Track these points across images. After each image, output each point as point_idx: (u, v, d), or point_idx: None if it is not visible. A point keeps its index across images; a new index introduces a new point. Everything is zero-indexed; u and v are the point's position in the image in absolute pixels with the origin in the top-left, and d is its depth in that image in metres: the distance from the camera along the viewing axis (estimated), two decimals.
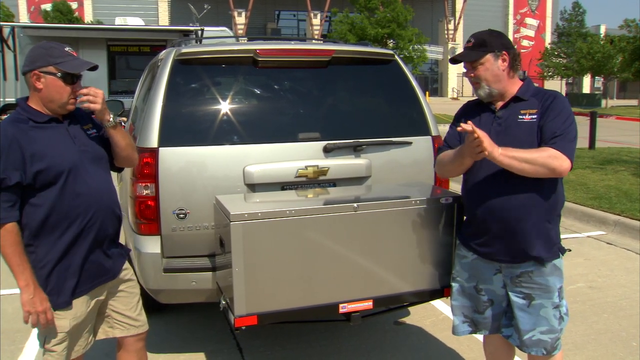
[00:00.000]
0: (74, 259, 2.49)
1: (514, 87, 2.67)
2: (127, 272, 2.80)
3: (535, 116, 2.59)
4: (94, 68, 2.55)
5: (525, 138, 2.56)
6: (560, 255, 2.68)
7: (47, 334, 2.50)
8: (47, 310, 2.41)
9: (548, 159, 2.46)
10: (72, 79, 2.45)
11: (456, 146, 2.75)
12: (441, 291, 3.19)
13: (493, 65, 2.63)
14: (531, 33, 55.91)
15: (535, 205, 2.58)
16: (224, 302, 3.03)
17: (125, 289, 2.78)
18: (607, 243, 6.53)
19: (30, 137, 2.39)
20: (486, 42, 2.64)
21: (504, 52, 2.64)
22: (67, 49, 2.48)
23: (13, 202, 2.35)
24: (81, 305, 2.56)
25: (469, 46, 2.67)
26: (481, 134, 2.40)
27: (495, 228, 2.63)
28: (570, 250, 2.78)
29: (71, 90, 2.46)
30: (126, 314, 2.78)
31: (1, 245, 2.33)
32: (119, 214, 2.70)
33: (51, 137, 2.44)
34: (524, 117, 2.61)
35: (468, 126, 2.41)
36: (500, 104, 2.69)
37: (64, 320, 2.50)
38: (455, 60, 2.76)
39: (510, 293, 2.71)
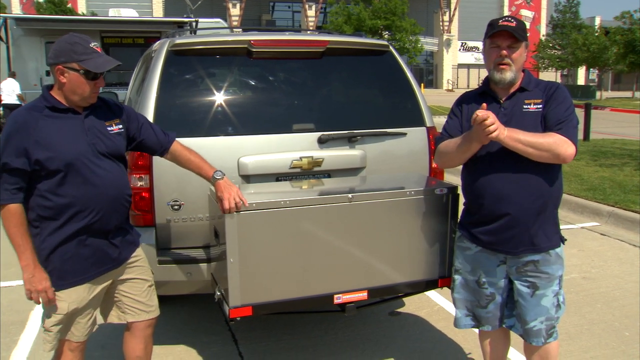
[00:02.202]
0: (76, 245, 2.53)
1: (519, 78, 2.69)
2: (136, 258, 2.82)
3: (540, 106, 2.61)
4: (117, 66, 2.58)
5: (531, 127, 2.57)
6: (562, 243, 2.71)
7: (46, 314, 2.56)
8: (47, 289, 2.48)
9: (554, 144, 2.48)
10: (94, 75, 2.49)
11: (457, 135, 2.74)
12: (436, 282, 3.19)
13: (524, 53, 2.65)
14: (526, 25, 55.81)
15: (543, 194, 2.60)
16: (218, 293, 3.03)
17: (135, 276, 2.80)
18: (601, 234, 6.56)
19: (39, 125, 2.43)
20: (525, 29, 2.63)
21: (528, 45, 2.68)
22: (92, 44, 2.50)
23: (18, 186, 2.41)
24: (83, 291, 2.59)
25: (513, 26, 2.57)
26: (493, 116, 2.42)
27: (502, 216, 2.62)
28: (566, 240, 2.81)
29: (94, 85, 2.51)
30: (137, 299, 2.81)
31: (5, 225, 2.41)
32: (128, 206, 2.72)
33: (61, 127, 2.48)
34: (529, 106, 2.62)
35: (482, 110, 2.43)
36: (505, 94, 2.69)
37: (63, 303, 2.54)
38: (500, 29, 2.57)
39: (515, 282, 2.72)
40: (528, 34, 2.72)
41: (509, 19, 2.63)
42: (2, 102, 14.32)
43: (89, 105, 2.57)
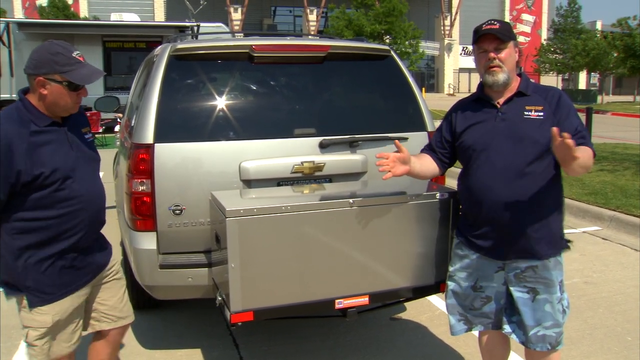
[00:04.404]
0: (61, 259, 2.47)
1: (516, 81, 2.68)
2: (113, 262, 2.81)
3: (542, 114, 2.58)
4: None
5: (532, 134, 2.55)
6: (562, 250, 2.70)
7: (29, 328, 2.48)
8: None
9: (591, 161, 2.50)
10: (77, 85, 2.39)
11: (440, 151, 2.82)
12: (437, 286, 3.19)
13: (513, 53, 2.63)
14: (527, 29, 55.88)
15: (543, 202, 2.59)
16: (220, 298, 3.03)
17: (112, 278, 2.79)
18: (603, 238, 6.55)
19: (30, 145, 2.31)
20: (510, 29, 2.63)
21: (518, 44, 2.68)
22: (74, 53, 2.38)
23: None
24: (65, 303, 2.53)
25: (496, 28, 2.58)
26: (570, 141, 2.27)
27: (503, 225, 2.61)
28: (572, 242, 2.80)
29: (76, 96, 2.42)
30: (114, 305, 2.79)
31: None
32: (105, 214, 2.72)
33: (51, 143, 2.38)
34: (530, 113, 2.60)
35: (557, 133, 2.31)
36: (502, 99, 2.67)
37: (46, 316, 2.47)
38: (483, 33, 2.59)
39: (512, 289, 2.70)
40: (529, 39, 2.73)
41: (492, 22, 2.63)
42: None
43: (67, 116, 2.49)
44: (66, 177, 2.40)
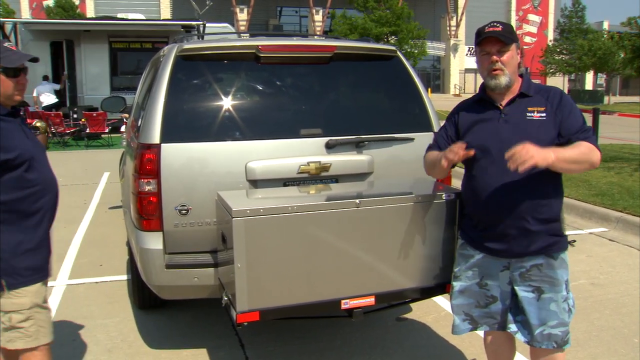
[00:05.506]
0: (34, 239, 2.57)
1: (517, 83, 2.68)
2: None
3: (544, 114, 2.60)
4: (34, 60, 2.66)
5: (536, 135, 2.55)
6: (569, 245, 2.71)
7: (12, 313, 2.54)
8: None
9: (590, 154, 2.49)
10: (14, 72, 2.55)
11: (444, 147, 2.77)
12: (443, 287, 3.19)
13: (515, 55, 2.64)
14: (534, 29, 55.70)
15: (547, 201, 2.60)
16: (226, 298, 3.03)
17: None
18: (609, 240, 6.52)
19: (1, 129, 2.49)
20: (512, 31, 2.64)
21: (520, 46, 2.68)
22: (6, 44, 2.62)
23: None
24: (38, 286, 2.62)
25: (498, 30, 2.58)
26: (524, 148, 2.34)
27: (506, 225, 2.62)
28: (575, 241, 2.80)
29: (17, 82, 2.57)
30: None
31: None
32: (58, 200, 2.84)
33: (12, 129, 2.55)
34: (532, 114, 2.61)
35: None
36: (504, 100, 2.68)
37: (25, 299, 2.55)
38: (486, 36, 2.59)
39: (517, 288, 2.71)
40: (535, 39, 2.73)
41: (495, 24, 2.64)
42: (43, 105, 15.50)
43: (13, 108, 2.63)
44: (31, 160, 2.55)
